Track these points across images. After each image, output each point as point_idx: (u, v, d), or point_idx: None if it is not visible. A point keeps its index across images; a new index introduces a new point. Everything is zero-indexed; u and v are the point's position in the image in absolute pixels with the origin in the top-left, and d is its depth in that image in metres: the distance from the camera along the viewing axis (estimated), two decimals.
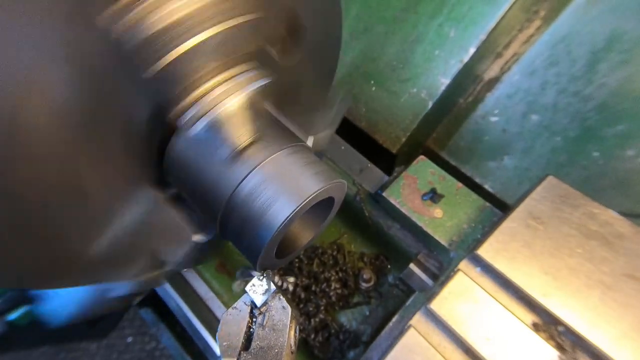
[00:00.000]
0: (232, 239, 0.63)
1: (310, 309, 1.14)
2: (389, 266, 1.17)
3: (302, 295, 1.16)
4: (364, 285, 1.15)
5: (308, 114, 0.82)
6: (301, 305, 1.15)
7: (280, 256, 0.66)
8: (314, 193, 0.57)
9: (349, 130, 1.15)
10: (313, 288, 1.17)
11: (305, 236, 0.74)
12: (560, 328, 0.67)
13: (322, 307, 1.14)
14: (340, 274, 1.17)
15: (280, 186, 0.57)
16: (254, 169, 0.57)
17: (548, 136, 1.06)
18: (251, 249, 0.60)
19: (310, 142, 0.78)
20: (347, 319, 1.14)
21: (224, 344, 0.59)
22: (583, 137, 1.03)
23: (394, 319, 0.85)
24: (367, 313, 1.14)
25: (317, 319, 1.13)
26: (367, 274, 1.15)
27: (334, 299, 1.14)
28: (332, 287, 1.15)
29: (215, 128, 0.55)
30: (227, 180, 0.58)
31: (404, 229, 1.07)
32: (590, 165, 1.02)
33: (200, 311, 1.15)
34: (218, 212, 0.59)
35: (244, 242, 0.61)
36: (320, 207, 0.65)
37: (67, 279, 0.62)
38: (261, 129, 0.59)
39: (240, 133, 0.57)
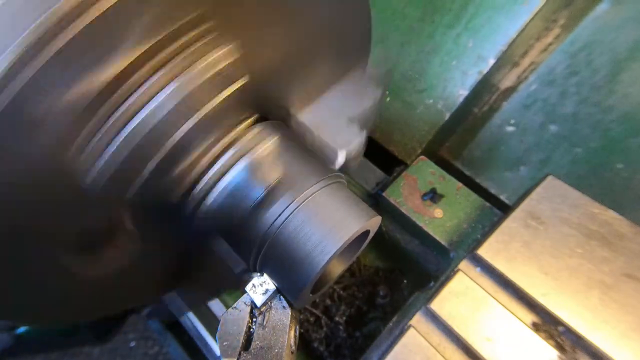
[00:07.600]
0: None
1: (331, 327, 1.19)
2: (404, 281, 1.21)
3: (323, 318, 1.21)
4: (380, 301, 1.20)
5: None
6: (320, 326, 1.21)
7: (313, 291, 0.69)
8: (356, 232, 0.60)
9: None
10: (333, 309, 1.21)
11: (338, 268, 0.76)
12: (560, 328, 0.71)
13: (342, 326, 1.18)
14: (357, 290, 1.22)
15: (320, 226, 0.59)
16: (286, 208, 0.60)
17: (568, 147, 1.09)
18: (291, 290, 0.64)
19: (342, 156, 0.76)
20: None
21: (224, 344, 0.62)
22: (606, 148, 1.05)
23: (394, 319, 0.90)
24: (383, 330, 1.18)
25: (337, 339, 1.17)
26: (384, 290, 1.19)
27: (352, 316, 1.19)
28: (352, 305, 1.20)
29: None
30: (259, 221, 0.60)
31: (423, 245, 1.10)
32: (613, 177, 1.04)
33: (215, 329, 1.21)
34: (252, 251, 0.62)
35: (282, 282, 0.64)
36: (354, 240, 0.66)
37: None
38: (287, 166, 0.63)
39: (265, 178, 0.62)
